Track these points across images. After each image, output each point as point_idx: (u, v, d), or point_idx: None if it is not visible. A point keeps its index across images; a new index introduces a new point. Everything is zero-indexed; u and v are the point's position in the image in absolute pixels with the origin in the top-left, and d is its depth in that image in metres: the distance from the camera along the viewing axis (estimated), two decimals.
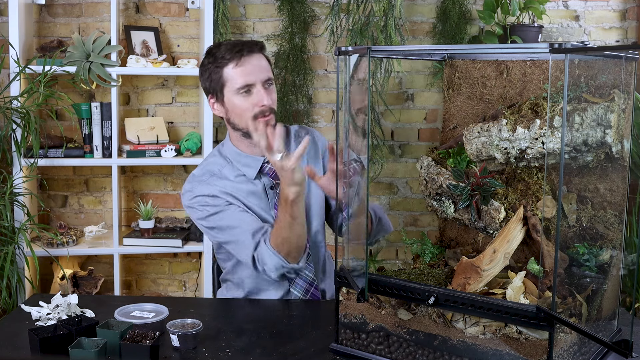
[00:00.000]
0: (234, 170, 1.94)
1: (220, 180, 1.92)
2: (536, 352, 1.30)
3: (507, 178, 1.56)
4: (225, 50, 1.85)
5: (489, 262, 1.40)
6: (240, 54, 1.84)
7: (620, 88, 1.45)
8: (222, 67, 1.85)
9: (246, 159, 1.94)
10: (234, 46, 1.86)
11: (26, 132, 2.81)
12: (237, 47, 1.85)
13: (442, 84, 3.26)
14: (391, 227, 2.06)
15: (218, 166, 1.95)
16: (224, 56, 1.85)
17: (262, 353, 1.54)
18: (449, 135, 1.81)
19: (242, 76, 1.84)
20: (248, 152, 1.95)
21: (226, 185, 1.91)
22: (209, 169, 1.95)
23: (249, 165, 1.94)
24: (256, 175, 1.93)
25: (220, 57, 1.85)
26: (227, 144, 1.98)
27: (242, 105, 1.86)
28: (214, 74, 1.87)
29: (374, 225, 1.98)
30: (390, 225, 2.06)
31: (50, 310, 1.64)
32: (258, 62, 1.87)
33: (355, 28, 3.21)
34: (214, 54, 1.88)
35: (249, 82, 1.84)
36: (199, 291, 3.39)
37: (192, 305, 1.88)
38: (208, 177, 1.93)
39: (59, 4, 3.19)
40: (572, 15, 3.44)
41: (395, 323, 1.46)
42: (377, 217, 2.00)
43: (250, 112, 1.85)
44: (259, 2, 3.31)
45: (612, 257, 1.48)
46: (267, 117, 1.86)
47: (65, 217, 3.31)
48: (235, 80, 1.85)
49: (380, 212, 2.04)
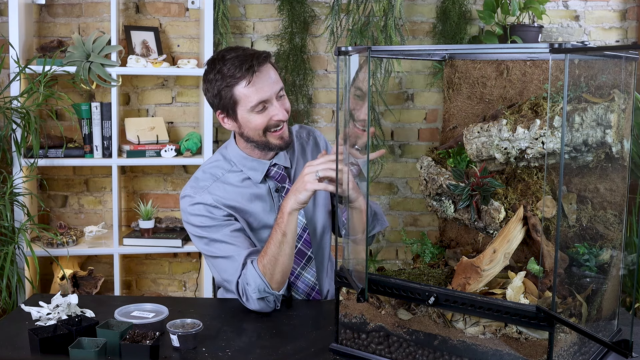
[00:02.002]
0: (239, 175, 1.91)
1: (224, 186, 1.89)
2: (536, 352, 1.30)
3: (507, 178, 1.56)
4: (234, 67, 1.77)
5: (489, 262, 1.40)
6: (251, 70, 1.76)
7: (620, 88, 1.45)
8: (233, 86, 1.78)
9: (252, 163, 1.91)
10: (242, 62, 1.77)
11: (26, 132, 2.82)
12: (246, 63, 1.77)
13: (442, 84, 3.26)
14: (386, 222, 2.04)
15: (222, 170, 1.92)
16: (234, 74, 1.77)
17: (262, 353, 1.54)
18: (449, 135, 1.81)
19: (255, 94, 1.78)
20: (254, 156, 1.92)
21: (229, 194, 1.88)
22: (212, 172, 1.92)
23: (255, 168, 1.91)
24: (262, 178, 1.92)
25: (230, 75, 1.78)
26: (232, 147, 1.94)
27: (258, 121, 1.82)
28: (224, 93, 1.80)
29: (370, 219, 1.96)
30: (385, 219, 2.05)
31: (50, 310, 1.65)
32: (269, 75, 1.81)
33: (355, 28, 3.21)
34: (220, 70, 1.79)
35: (264, 98, 1.79)
36: (199, 291, 3.39)
37: (192, 305, 1.88)
38: (211, 183, 1.89)
39: (59, 4, 3.19)
40: (572, 15, 3.44)
41: (395, 323, 1.46)
42: (372, 211, 2.00)
43: (264, 125, 1.83)
44: (259, 2, 3.31)
45: (612, 257, 1.48)
46: (280, 130, 1.85)
47: (65, 217, 3.31)
48: (250, 99, 1.79)
49: (375, 206, 2.04)
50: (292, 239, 1.76)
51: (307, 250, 1.94)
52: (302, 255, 1.94)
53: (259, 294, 1.76)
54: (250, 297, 1.77)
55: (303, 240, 1.93)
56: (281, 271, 1.76)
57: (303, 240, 1.93)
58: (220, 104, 1.83)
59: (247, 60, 1.78)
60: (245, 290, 1.77)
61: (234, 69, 1.77)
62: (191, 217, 1.87)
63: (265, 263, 1.75)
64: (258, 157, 1.92)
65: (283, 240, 1.74)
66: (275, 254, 1.75)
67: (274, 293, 1.77)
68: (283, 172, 1.94)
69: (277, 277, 1.76)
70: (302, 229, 1.94)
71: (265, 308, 1.78)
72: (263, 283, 1.75)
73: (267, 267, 1.75)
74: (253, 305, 1.78)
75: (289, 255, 1.77)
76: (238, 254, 1.80)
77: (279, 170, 1.93)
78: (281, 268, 1.76)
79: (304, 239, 1.93)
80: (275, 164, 1.93)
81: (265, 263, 1.76)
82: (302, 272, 1.94)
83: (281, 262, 1.75)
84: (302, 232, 1.94)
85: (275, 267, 1.75)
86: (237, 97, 1.80)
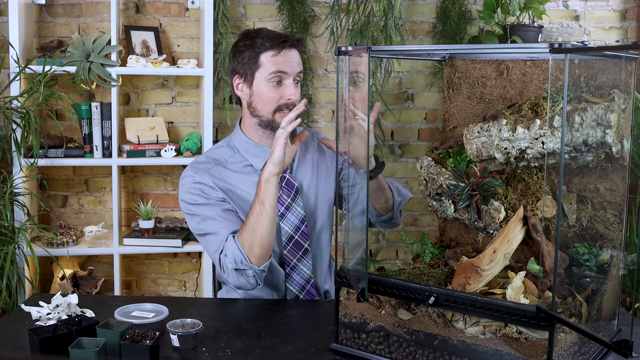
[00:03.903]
0: (241, 161, 1.95)
1: (225, 170, 1.93)
2: (536, 352, 1.30)
3: (507, 178, 1.56)
4: (267, 38, 1.87)
5: (489, 262, 1.40)
6: (283, 44, 1.86)
7: (620, 88, 1.45)
8: (261, 52, 1.86)
9: (255, 149, 1.95)
10: (277, 36, 1.87)
11: (26, 132, 2.81)
12: (280, 38, 1.87)
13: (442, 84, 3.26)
14: (409, 193, 2.09)
15: (225, 156, 1.96)
16: (264, 43, 1.86)
17: (262, 353, 1.54)
18: (449, 135, 1.81)
19: (277, 64, 1.85)
20: (257, 142, 1.95)
21: (229, 178, 1.92)
22: (214, 157, 1.96)
23: (257, 155, 1.94)
24: (263, 165, 1.93)
25: (260, 43, 1.87)
26: (237, 134, 1.99)
27: (269, 94, 1.87)
28: (250, 56, 1.88)
29: (395, 196, 2.00)
30: (409, 191, 2.09)
31: (50, 310, 1.65)
32: (295, 57, 1.89)
33: (355, 28, 3.21)
34: (252, 37, 1.89)
35: (283, 69, 1.85)
36: (199, 291, 3.39)
37: (192, 305, 1.88)
38: (213, 166, 1.93)
39: (59, 4, 3.19)
40: (572, 15, 3.44)
41: (395, 323, 1.46)
42: (395, 187, 2.03)
43: (275, 103, 1.87)
44: (259, 2, 3.31)
45: (612, 257, 1.48)
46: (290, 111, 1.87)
47: (65, 217, 3.31)
48: (271, 67, 1.86)
49: (395, 182, 2.07)
50: (270, 210, 1.77)
51: (304, 242, 1.95)
52: (299, 247, 1.95)
53: (235, 264, 1.78)
54: (227, 268, 1.79)
55: (300, 232, 1.94)
56: (259, 243, 1.77)
57: (301, 232, 1.94)
58: (242, 67, 1.90)
59: (281, 36, 1.88)
60: (224, 263, 1.80)
61: (267, 40, 1.86)
62: (186, 195, 1.90)
63: (244, 235, 1.78)
64: (260, 142, 1.95)
65: (261, 210, 1.77)
66: (253, 224, 1.77)
67: (253, 267, 1.78)
68: None
69: (256, 249, 1.78)
70: (301, 220, 1.95)
71: (245, 284, 1.80)
72: (240, 254, 1.77)
73: (246, 239, 1.78)
74: (232, 278, 1.80)
75: (268, 228, 1.78)
76: (224, 231, 1.83)
77: None
78: (259, 240, 1.77)
79: (301, 230, 1.95)
80: None
81: (244, 235, 1.78)
82: (298, 264, 1.95)
83: (259, 233, 1.77)
84: (300, 224, 1.95)
85: (253, 239, 1.77)
86: (261, 61, 1.87)
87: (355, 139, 1.67)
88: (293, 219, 1.94)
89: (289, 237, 1.93)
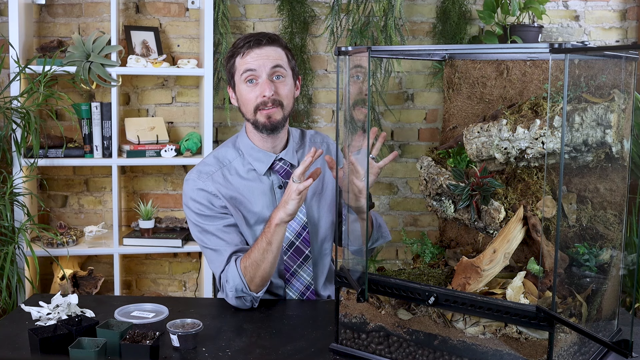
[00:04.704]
0: (245, 165, 1.96)
1: (229, 174, 1.94)
2: (536, 352, 1.30)
3: (507, 178, 1.56)
4: (240, 41, 1.92)
5: (489, 262, 1.40)
6: (249, 44, 1.89)
7: (620, 88, 1.45)
8: (235, 55, 1.92)
9: (258, 154, 1.95)
10: (248, 36, 1.92)
11: (26, 132, 2.81)
12: (249, 38, 1.91)
13: (442, 84, 3.26)
14: (389, 236, 2.08)
15: (229, 158, 1.97)
16: (238, 44, 1.91)
17: (262, 353, 1.54)
18: (449, 135, 1.81)
19: (245, 63, 1.89)
20: (260, 147, 1.96)
21: (232, 184, 1.92)
22: (219, 158, 1.97)
23: (261, 160, 1.95)
24: (266, 171, 1.94)
25: (235, 46, 1.92)
26: (242, 136, 2.00)
27: (246, 95, 1.90)
28: (229, 62, 1.94)
29: (374, 231, 1.99)
30: (389, 234, 2.08)
31: (50, 310, 1.65)
32: (266, 52, 1.89)
33: (355, 28, 3.21)
34: (234, 44, 1.94)
35: (250, 67, 1.87)
36: (199, 291, 3.39)
37: (192, 305, 1.88)
38: (217, 169, 1.94)
39: (59, 4, 3.19)
40: (572, 15, 3.44)
41: (395, 323, 1.46)
42: (377, 223, 2.01)
43: (252, 103, 1.89)
44: (259, 2, 3.31)
45: (612, 257, 1.48)
46: (268, 109, 1.87)
47: (65, 217, 3.31)
48: (240, 67, 1.90)
49: (380, 219, 2.06)
50: (276, 249, 1.80)
51: (305, 249, 1.95)
52: (300, 254, 1.94)
53: (236, 293, 1.82)
54: (226, 292, 1.83)
55: (302, 239, 1.94)
56: (261, 276, 1.81)
57: (302, 238, 1.94)
58: (228, 75, 1.96)
59: (253, 36, 1.92)
60: (224, 287, 1.84)
61: (240, 41, 1.92)
62: (191, 202, 1.92)
63: (247, 265, 1.81)
64: (264, 149, 1.96)
65: (267, 249, 1.79)
66: (258, 260, 1.80)
67: (252, 294, 1.82)
68: (289, 168, 1.96)
69: (257, 280, 1.81)
70: (302, 227, 1.94)
71: (241, 305, 1.84)
72: (242, 283, 1.81)
73: (249, 270, 1.81)
74: (230, 300, 1.84)
75: (271, 264, 1.81)
76: (225, 249, 1.86)
77: (284, 166, 1.96)
78: (261, 274, 1.81)
79: (302, 237, 1.94)
80: (282, 159, 1.96)
81: (247, 265, 1.81)
82: (298, 270, 1.95)
83: (262, 268, 1.80)
84: (302, 230, 1.94)
85: (256, 272, 1.80)
86: (236, 65, 1.92)
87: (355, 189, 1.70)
88: (294, 225, 1.93)
89: (289, 243, 1.93)
